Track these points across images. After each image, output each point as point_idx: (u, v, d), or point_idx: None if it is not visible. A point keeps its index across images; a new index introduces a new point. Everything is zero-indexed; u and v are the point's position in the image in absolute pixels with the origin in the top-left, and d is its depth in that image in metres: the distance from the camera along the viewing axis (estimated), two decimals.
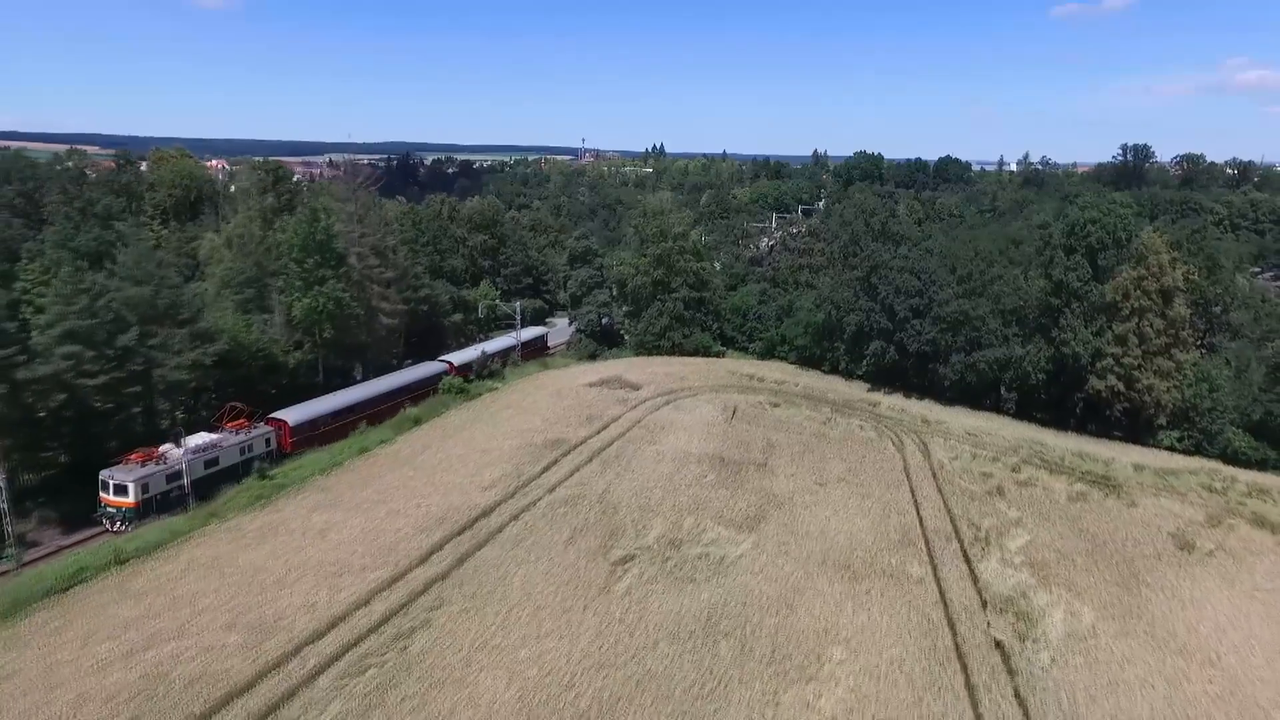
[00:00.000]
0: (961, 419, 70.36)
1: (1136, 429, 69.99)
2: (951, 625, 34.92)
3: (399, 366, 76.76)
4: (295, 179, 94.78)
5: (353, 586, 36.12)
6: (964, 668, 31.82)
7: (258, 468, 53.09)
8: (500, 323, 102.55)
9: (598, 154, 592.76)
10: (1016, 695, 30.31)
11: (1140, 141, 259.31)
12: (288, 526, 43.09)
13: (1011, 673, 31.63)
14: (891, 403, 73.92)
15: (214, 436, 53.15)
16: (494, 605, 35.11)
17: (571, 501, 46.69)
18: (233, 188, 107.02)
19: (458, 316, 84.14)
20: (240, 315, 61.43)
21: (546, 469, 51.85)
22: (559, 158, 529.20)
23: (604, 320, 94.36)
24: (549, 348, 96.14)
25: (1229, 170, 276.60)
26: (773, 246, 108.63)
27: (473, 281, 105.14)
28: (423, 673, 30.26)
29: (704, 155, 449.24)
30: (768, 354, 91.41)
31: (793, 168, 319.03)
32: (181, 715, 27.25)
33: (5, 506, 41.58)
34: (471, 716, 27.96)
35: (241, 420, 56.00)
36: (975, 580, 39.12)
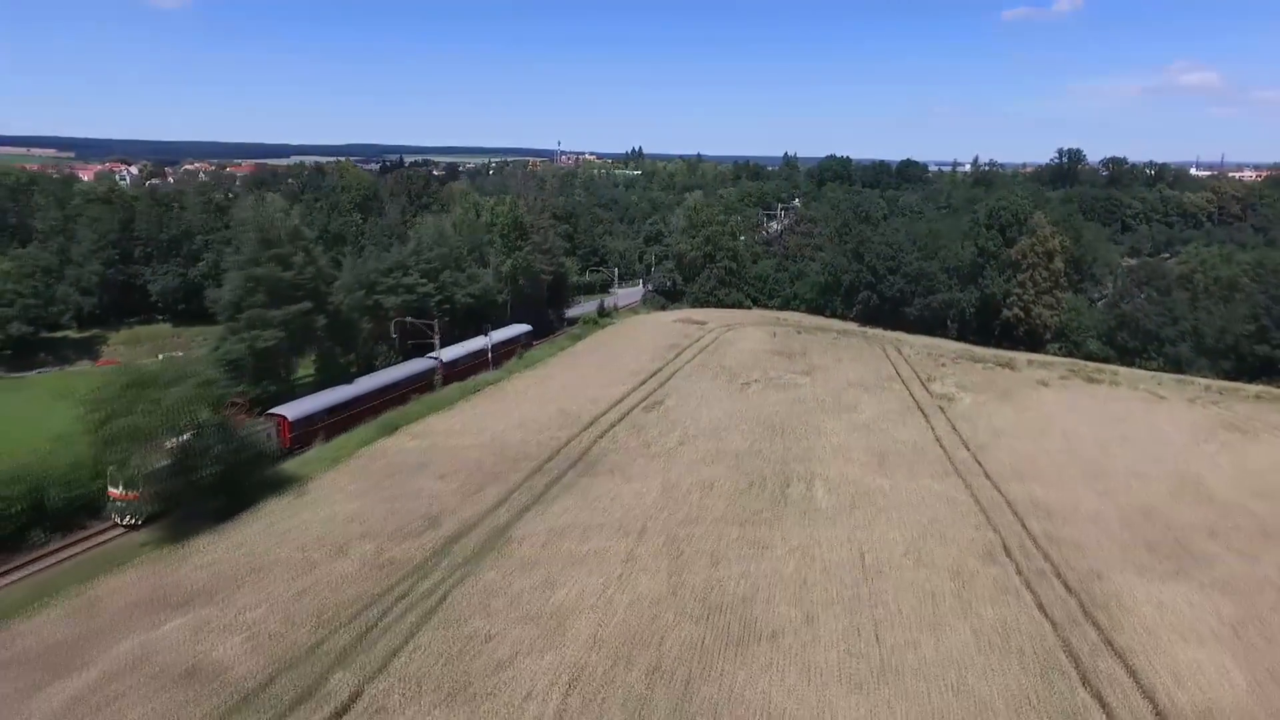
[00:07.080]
0: (921, 340, 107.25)
1: (1034, 343, 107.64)
2: (916, 401, 71.27)
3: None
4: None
5: (617, 388, 71.43)
6: (922, 411, 68.09)
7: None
8: (581, 290, 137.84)
9: (576, 156, 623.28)
10: (946, 418, 66.65)
11: (1086, 144, 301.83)
12: (555, 378, 78.22)
13: (943, 411, 68.01)
14: (875, 331, 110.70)
15: None
16: (689, 399, 70.43)
17: (701, 365, 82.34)
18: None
19: (575, 279, 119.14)
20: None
21: (677, 355, 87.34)
22: (537, 160, 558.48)
23: (668, 283, 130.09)
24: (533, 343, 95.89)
25: (1148, 171, 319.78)
26: (782, 231, 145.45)
27: None
28: (673, 413, 65.46)
29: (679, 157, 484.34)
30: (784, 307, 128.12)
31: (768, 170, 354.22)
32: (587, 418, 62.42)
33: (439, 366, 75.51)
34: (706, 420, 63.34)
35: (240, 416, 56.50)
36: (928, 390, 75.59)
